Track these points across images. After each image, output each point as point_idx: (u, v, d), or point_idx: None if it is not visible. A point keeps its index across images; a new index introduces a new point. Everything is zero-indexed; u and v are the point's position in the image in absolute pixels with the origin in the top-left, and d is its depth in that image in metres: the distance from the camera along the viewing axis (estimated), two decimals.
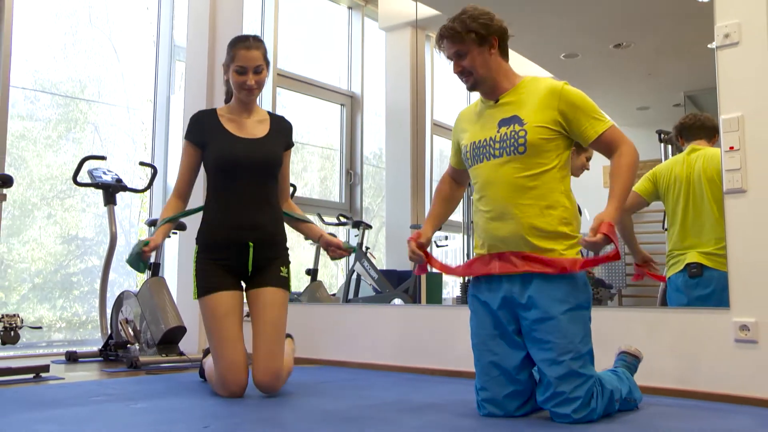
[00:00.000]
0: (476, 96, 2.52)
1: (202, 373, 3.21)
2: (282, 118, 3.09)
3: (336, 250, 2.96)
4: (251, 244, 2.86)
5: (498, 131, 2.34)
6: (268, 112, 3.07)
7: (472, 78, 2.37)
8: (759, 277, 2.71)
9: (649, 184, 3.36)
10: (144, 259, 2.73)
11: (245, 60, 2.84)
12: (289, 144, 3.05)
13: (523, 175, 2.28)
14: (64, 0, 5.06)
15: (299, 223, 3.12)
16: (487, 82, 2.37)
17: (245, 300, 2.92)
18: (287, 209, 3.09)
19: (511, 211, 2.28)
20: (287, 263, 2.97)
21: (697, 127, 3.23)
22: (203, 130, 2.92)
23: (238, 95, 2.92)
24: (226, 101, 3.04)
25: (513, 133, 2.30)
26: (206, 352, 3.15)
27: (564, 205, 2.31)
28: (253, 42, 2.88)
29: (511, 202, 2.29)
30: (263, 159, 2.90)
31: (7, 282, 4.72)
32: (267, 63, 2.92)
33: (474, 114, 2.49)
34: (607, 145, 2.30)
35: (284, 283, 2.92)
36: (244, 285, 2.93)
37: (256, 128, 2.95)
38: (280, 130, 3.01)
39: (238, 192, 2.87)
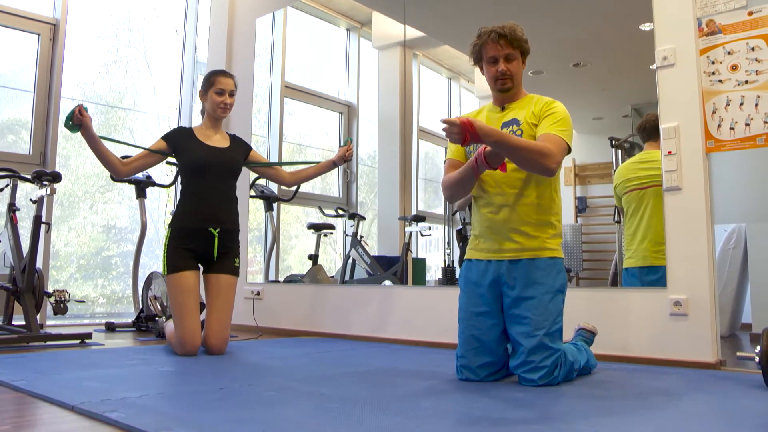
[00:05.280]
0: (456, 108, 2.52)
1: (159, 334, 3.68)
2: (236, 135, 3.35)
3: (346, 153, 3.23)
4: (216, 234, 3.07)
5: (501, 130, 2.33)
6: (228, 133, 3.31)
7: (510, 81, 2.33)
8: (691, 260, 2.76)
9: (616, 199, 3.35)
10: (75, 121, 2.78)
11: (224, 84, 3.16)
12: (248, 148, 3.33)
13: (518, 168, 2.25)
14: (108, 24, 5.09)
15: (310, 171, 3.37)
16: (515, 88, 2.35)
17: (202, 282, 3.13)
18: (293, 177, 3.40)
19: (507, 201, 2.28)
20: (239, 254, 3.21)
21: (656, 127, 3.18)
22: (179, 138, 3.15)
23: (214, 113, 3.18)
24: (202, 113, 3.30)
25: (511, 131, 2.29)
26: (168, 318, 3.48)
27: (551, 197, 2.31)
28: (228, 73, 3.22)
29: (508, 192, 2.28)
30: (226, 163, 3.16)
31: (58, 263, 4.74)
32: (236, 90, 3.24)
33: (480, 117, 2.44)
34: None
35: (236, 271, 3.17)
36: (201, 268, 3.13)
37: (221, 142, 3.22)
38: (239, 144, 3.30)
39: (206, 189, 3.10)
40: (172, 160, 3.29)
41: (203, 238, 3.07)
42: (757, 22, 2.73)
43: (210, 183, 3.10)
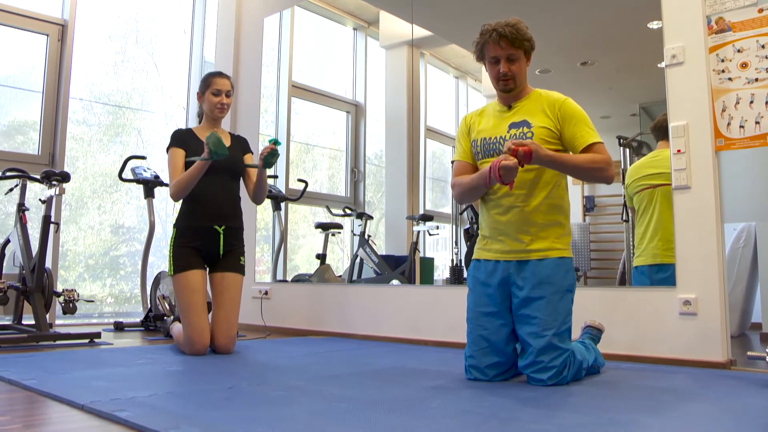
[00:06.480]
0: (463, 107, 2.52)
1: (168, 333, 3.68)
2: (239, 135, 3.38)
3: (263, 154, 2.99)
4: (221, 231, 3.10)
5: (508, 132, 2.31)
6: (231, 133, 3.35)
7: (512, 82, 2.30)
8: (700, 259, 2.74)
9: (627, 198, 3.34)
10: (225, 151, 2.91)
11: (220, 85, 3.21)
12: (246, 150, 3.33)
13: (527, 169, 2.23)
14: (116, 25, 5.12)
15: (254, 182, 3.23)
16: (518, 88, 2.32)
17: (208, 281, 3.15)
18: (250, 192, 3.29)
19: (515, 202, 2.27)
20: (244, 253, 3.23)
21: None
22: (183, 139, 3.17)
23: (212, 114, 3.22)
24: (199, 121, 3.34)
25: (521, 133, 2.28)
26: (174, 319, 3.54)
27: (560, 196, 2.30)
28: (224, 74, 3.27)
29: (516, 193, 2.26)
30: (229, 162, 3.14)
31: (67, 262, 4.77)
32: (233, 90, 3.28)
33: (485, 116, 2.43)
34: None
35: (241, 269, 3.19)
36: (207, 268, 3.14)
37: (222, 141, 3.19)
38: (240, 142, 3.32)
39: (209, 188, 3.11)
40: None
41: (209, 236, 3.09)
42: (767, 19, 2.70)
43: (212, 182, 3.12)
